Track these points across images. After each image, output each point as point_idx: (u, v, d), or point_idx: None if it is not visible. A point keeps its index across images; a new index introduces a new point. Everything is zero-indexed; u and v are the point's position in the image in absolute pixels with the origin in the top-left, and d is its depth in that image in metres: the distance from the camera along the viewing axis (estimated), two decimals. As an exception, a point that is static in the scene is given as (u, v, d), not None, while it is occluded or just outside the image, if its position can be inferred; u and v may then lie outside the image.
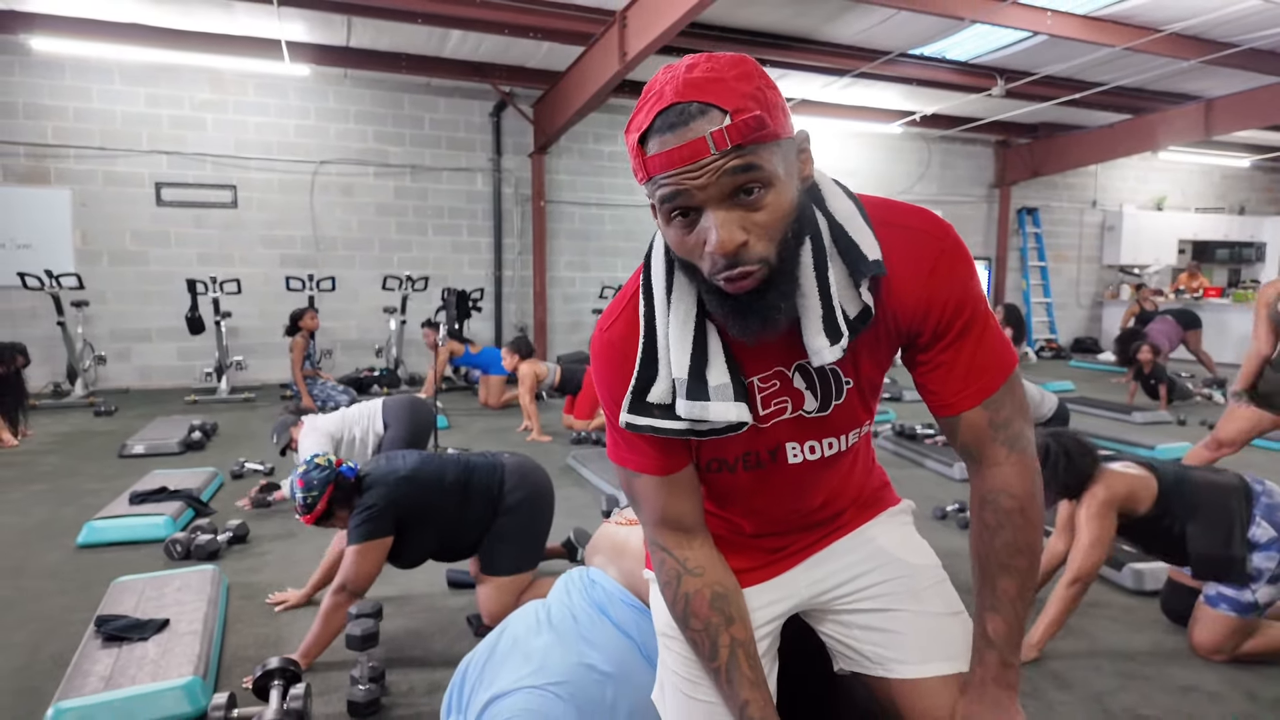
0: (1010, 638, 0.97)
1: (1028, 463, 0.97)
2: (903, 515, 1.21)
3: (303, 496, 2.35)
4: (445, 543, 2.51)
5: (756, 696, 1.01)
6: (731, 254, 0.81)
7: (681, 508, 1.04)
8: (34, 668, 2.38)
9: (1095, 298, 12.73)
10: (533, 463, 2.66)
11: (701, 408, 0.92)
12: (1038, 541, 0.98)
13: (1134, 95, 9.15)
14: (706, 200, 0.80)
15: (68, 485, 4.41)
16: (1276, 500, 2.40)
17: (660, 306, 0.95)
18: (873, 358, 0.99)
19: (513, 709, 1.19)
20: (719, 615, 1.02)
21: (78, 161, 7.62)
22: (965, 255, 0.94)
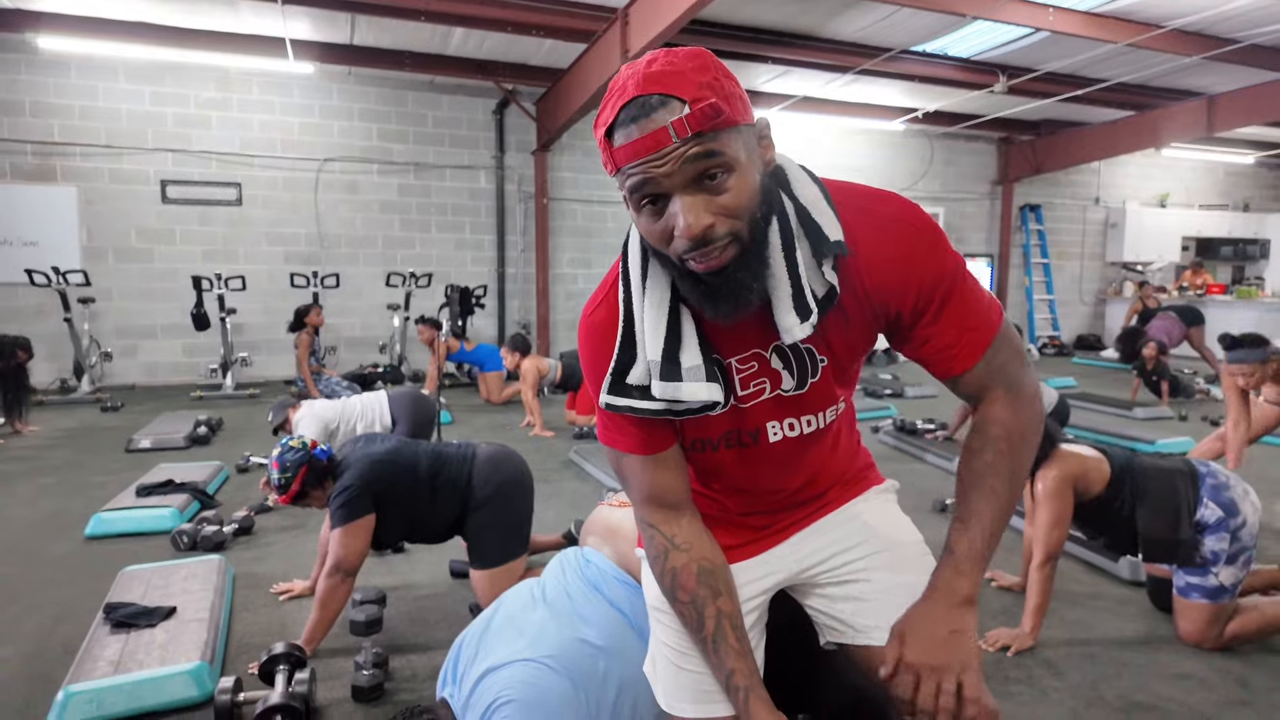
0: (970, 550, 1.00)
1: (1022, 399, 1.02)
2: (886, 494, 1.24)
3: (277, 477, 2.42)
4: (417, 528, 2.56)
5: (742, 665, 1.04)
6: (699, 237, 0.85)
7: (668, 486, 1.07)
8: (44, 654, 2.42)
9: (1098, 295, 12.72)
10: (506, 451, 2.68)
11: (674, 388, 0.96)
12: (1019, 470, 1.01)
13: (1136, 92, 9.15)
14: (672, 187, 0.84)
15: (75, 479, 4.46)
16: (1221, 480, 2.44)
17: (637, 292, 0.99)
18: (844, 338, 1.02)
19: (508, 680, 1.23)
20: (705, 589, 1.05)
21: (84, 159, 7.67)
22: (936, 234, 0.98)
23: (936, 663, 0.95)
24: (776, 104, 9.12)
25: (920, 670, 0.96)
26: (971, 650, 0.97)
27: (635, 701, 1.26)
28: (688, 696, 1.10)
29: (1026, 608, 2.46)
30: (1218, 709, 2.12)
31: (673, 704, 1.12)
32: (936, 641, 0.96)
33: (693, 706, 1.10)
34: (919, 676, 0.96)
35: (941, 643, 0.96)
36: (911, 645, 0.97)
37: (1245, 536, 2.38)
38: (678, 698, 1.11)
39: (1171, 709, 2.12)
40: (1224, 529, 2.38)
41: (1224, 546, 2.37)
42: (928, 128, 10.50)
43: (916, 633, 0.98)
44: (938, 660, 0.95)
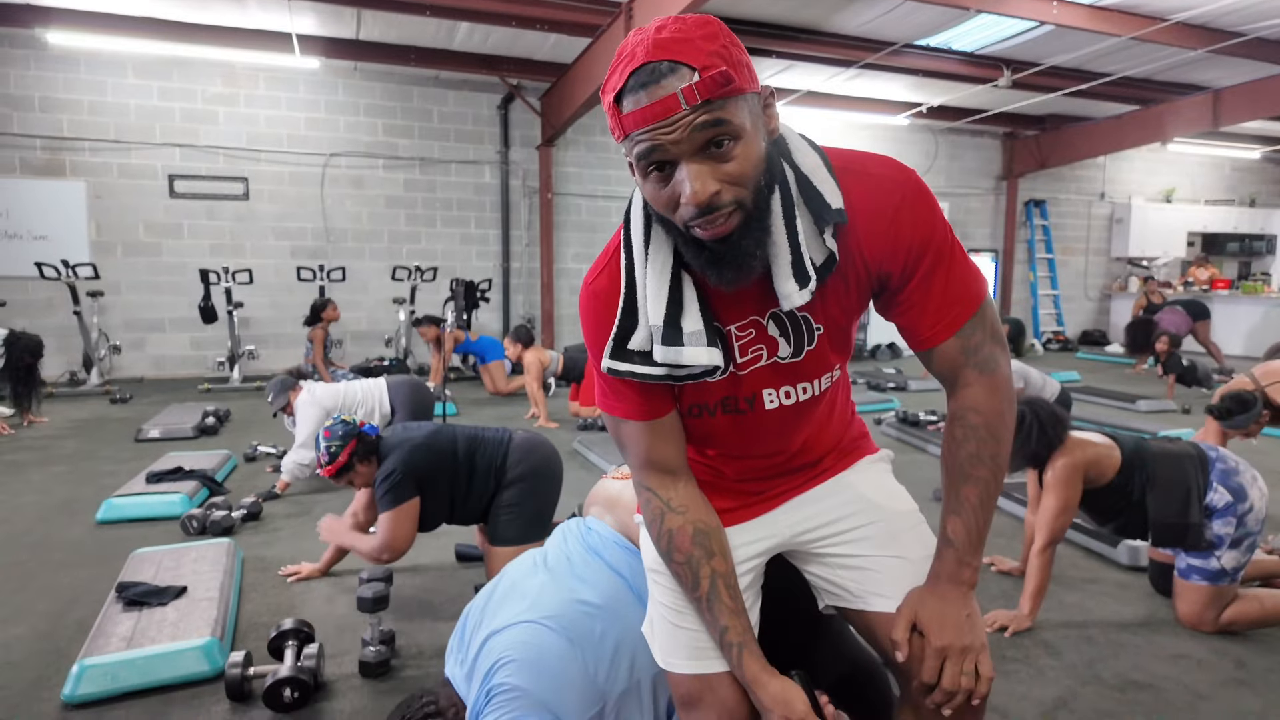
0: (969, 539, 1.03)
1: (997, 383, 1.03)
2: (881, 463, 1.26)
3: (326, 445, 2.50)
4: (456, 508, 2.61)
5: (735, 623, 1.07)
6: (705, 204, 0.86)
7: (665, 451, 1.10)
8: (59, 631, 2.47)
9: (1103, 290, 12.71)
10: (541, 438, 2.74)
11: (676, 353, 0.98)
12: (1000, 454, 1.04)
13: (1141, 86, 9.14)
14: (680, 154, 0.85)
15: (86, 467, 4.51)
16: (1230, 465, 2.46)
17: (639, 259, 1.00)
18: (841, 304, 1.04)
19: (509, 642, 1.26)
20: (700, 549, 1.08)
21: (92, 154, 7.74)
22: (926, 195, 0.99)
23: (961, 645, 1.00)
24: (782, 99, 9.12)
25: (949, 653, 1.00)
26: (983, 631, 1.03)
27: (633, 659, 1.29)
28: (683, 653, 1.13)
29: (1025, 590, 2.49)
30: (1213, 688, 2.15)
31: (669, 660, 1.15)
32: (959, 626, 1.00)
33: (688, 663, 1.13)
34: (946, 660, 1.00)
35: (962, 627, 1.01)
36: (937, 633, 1.01)
37: (1251, 522, 2.40)
38: (674, 654, 1.14)
39: (1167, 688, 2.15)
40: (1231, 513, 2.39)
41: (1229, 531, 2.39)
42: (932, 122, 10.50)
43: (941, 621, 1.01)
44: (963, 642, 1.00)
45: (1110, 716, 2.00)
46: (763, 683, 1.05)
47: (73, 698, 2.03)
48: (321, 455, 2.52)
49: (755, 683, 1.06)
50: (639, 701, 1.33)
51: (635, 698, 1.33)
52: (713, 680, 1.11)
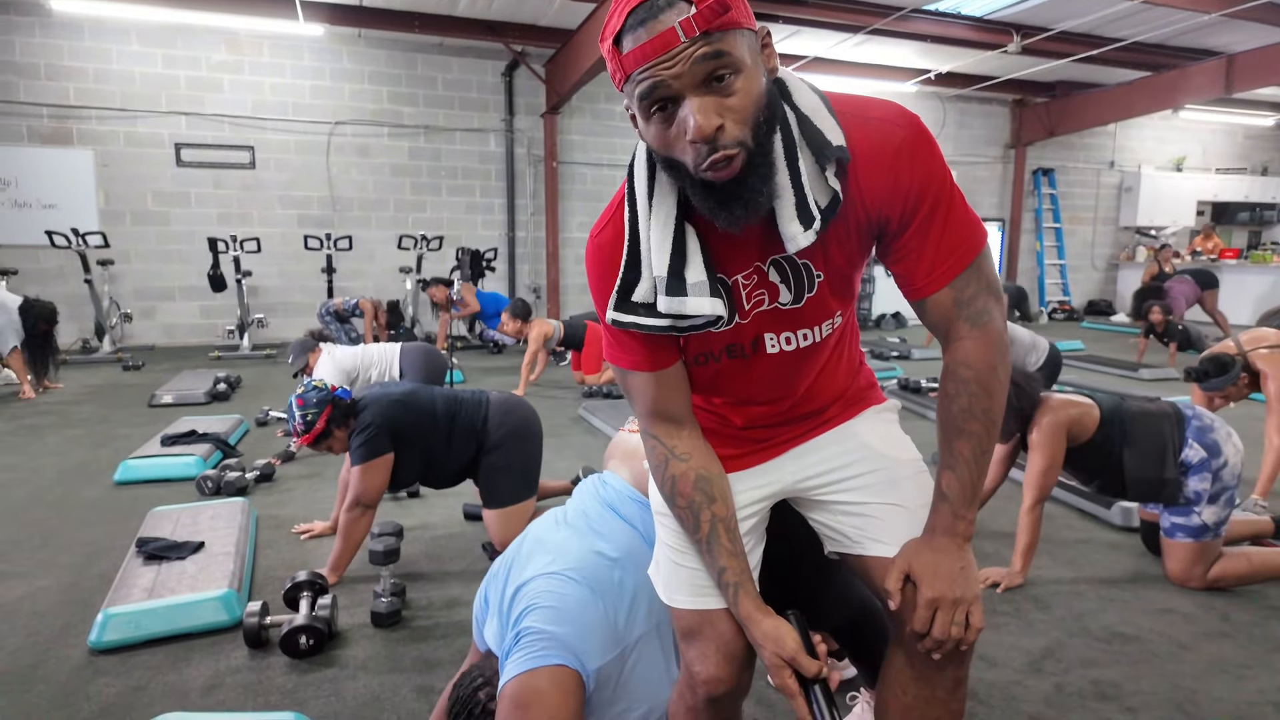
0: (963, 493, 1.06)
1: (990, 337, 1.04)
2: (887, 413, 1.28)
3: (301, 414, 2.50)
4: (432, 469, 2.66)
5: (733, 564, 1.12)
6: (710, 136, 0.87)
7: (671, 400, 1.13)
8: (82, 584, 2.56)
9: (1110, 260, 12.64)
10: (516, 400, 2.78)
11: (680, 303, 1.00)
12: (994, 409, 1.05)
13: (1153, 51, 9.01)
14: (682, 89, 0.86)
15: (102, 431, 4.61)
16: (1205, 423, 2.52)
17: (643, 211, 1.02)
18: (843, 249, 1.05)
19: (535, 591, 1.34)
20: (701, 494, 1.13)
21: (99, 122, 7.75)
22: (928, 140, 0.99)
23: (954, 596, 1.02)
24: (788, 64, 9.00)
25: (940, 604, 1.02)
26: (977, 583, 1.05)
27: (650, 605, 1.36)
28: (684, 590, 1.18)
29: (1016, 548, 2.55)
30: (1196, 640, 2.22)
31: (672, 596, 1.21)
32: (952, 578, 1.03)
33: (688, 599, 1.18)
34: (937, 610, 1.03)
35: (955, 578, 1.03)
36: (930, 584, 1.03)
37: (1227, 476, 2.46)
38: (676, 591, 1.20)
39: (1152, 639, 2.22)
40: (1206, 469, 2.46)
41: (1206, 486, 2.46)
42: (940, 90, 10.39)
43: (934, 572, 1.03)
44: (955, 594, 1.02)
45: (1094, 665, 2.08)
46: (756, 620, 1.10)
47: (99, 644, 2.12)
48: (297, 424, 2.51)
49: (749, 620, 1.11)
50: (659, 643, 1.40)
51: (654, 640, 1.40)
52: (711, 615, 1.16)
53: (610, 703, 1.35)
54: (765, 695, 1.88)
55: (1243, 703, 1.91)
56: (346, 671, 2.04)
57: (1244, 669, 2.06)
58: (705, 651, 1.16)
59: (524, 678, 1.24)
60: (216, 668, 2.05)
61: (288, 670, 2.04)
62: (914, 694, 1.13)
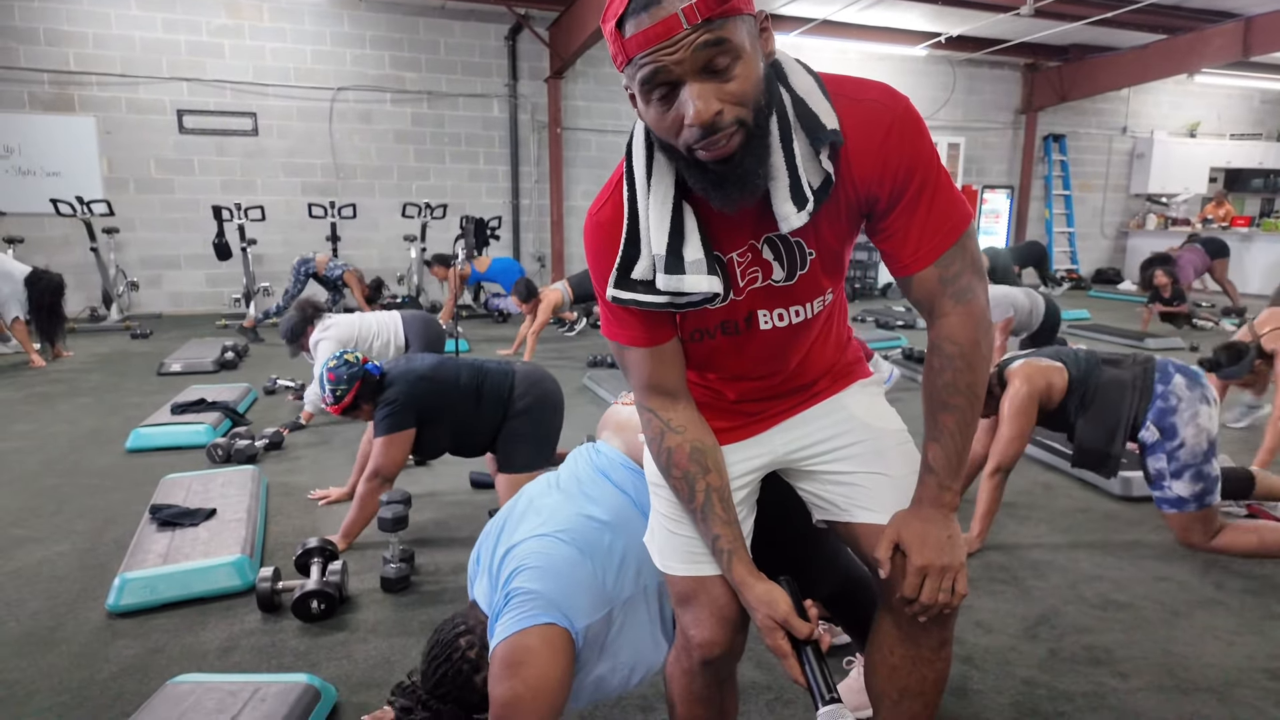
0: (948, 465, 1.10)
1: (974, 313, 1.07)
2: (873, 386, 1.32)
3: (331, 389, 2.56)
4: (459, 438, 2.70)
5: (727, 532, 1.16)
6: (708, 123, 0.89)
7: (666, 375, 1.16)
8: (98, 549, 2.62)
9: (1120, 228, 12.52)
10: (542, 370, 2.82)
11: (678, 280, 1.03)
12: (977, 383, 1.08)
13: (1169, 13, 8.82)
14: (683, 74, 0.88)
15: (112, 399, 4.67)
16: (1171, 403, 2.52)
17: (641, 189, 1.04)
18: (834, 228, 1.08)
19: (525, 552, 1.37)
20: (696, 465, 1.16)
21: (100, 89, 7.69)
22: (916, 121, 1.01)
23: (941, 563, 1.07)
24: (795, 28, 8.89)
25: (929, 571, 1.07)
26: (963, 551, 1.10)
27: (639, 568, 1.40)
28: (679, 557, 1.23)
29: (975, 514, 2.60)
30: (1190, 607, 2.25)
31: (667, 564, 1.25)
32: (940, 547, 1.07)
33: (683, 566, 1.22)
34: (926, 577, 1.07)
35: (943, 547, 1.08)
36: (919, 552, 1.07)
37: (1185, 456, 2.49)
38: (671, 558, 1.24)
39: (1145, 607, 2.26)
40: (1160, 450, 2.51)
41: (1164, 466, 2.51)
42: (951, 54, 10.21)
43: (922, 541, 1.07)
44: (942, 561, 1.07)
45: (1088, 631, 2.12)
46: (749, 584, 1.14)
47: (116, 607, 2.18)
48: (326, 396, 2.57)
49: (742, 584, 1.15)
50: (645, 606, 1.45)
51: (641, 603, 1.44)
52: (706, 581, 1.20)
53: (596, 661, 1.40)
54: (765, 659, 1.93)
55: (1232, 668, 1.95)
56: (357, 635, 2.09)
57: (1235, 635, 2.10)
58: (700, 616, 1.21)
59: (515, 638, 1.28)
60: (231, 631, 2.11)
61: (300, 633, 2.10)
62: (901, 654, 1.19)
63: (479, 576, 1.52)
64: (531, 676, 1.25)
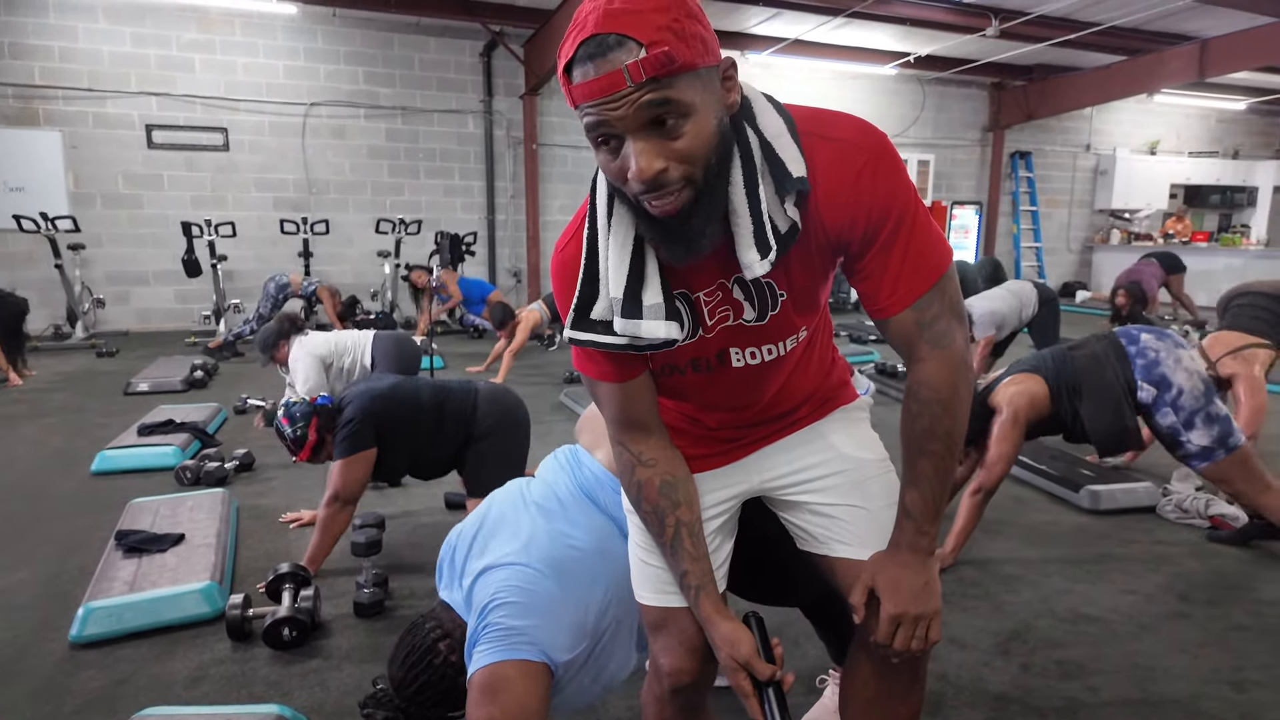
0: (925, 510, 1.09)
1: (952, 358, 1.04)
2: (858, 411, 1.30)
3: (291, 431, 2.49)
4: (420, 459, 2.66)
5: (695, 568, 1.15)
6: (650, 180, 0.86)
7: (637, 409, 1.15)
8: (62, 577, 2.56)
9: (1085, 242, 12.81)
10: (506, 389, 2.80)
11: (635, 325, 0.99)
12: (955, 429, 1.06)
13: (1129, 36, 9.08)
14: (626, 129, 0.85)
15: (77, 420, 4.56)
16: (1150, 357, 2.58)
17: (602, 229, 1.02)
18: (805, 270, 1.05)
19: (501, 582, 1.35)
20: (667, 500, 1.15)
21: (66, 103, 7.58)
22: (891, 160, 0.97)
23: (917, 612, 1.07)
24: (767, 47, 9.02)
25: (902, 620, 1.07)
26: (938, 598, 1.09)
27: (621, 598, 1.38)
28: (650, 587, 1.23)
29: (952, 529, 2.62)
30: (1156, 620, 2.30)
31: (640, 593, 1.26)
32: (915, 594, 1.07)
33: (653, 596, 1.23)
34: (899, 625, 1.07)
35: (919, 594, 1.07)
36: (893, 599, 1.07)
37: (1188, 401, 2.52)
38: (643, 587, 1.25)
39: (1114, 620, 2.30)
40: (1163, 405, 2.54)
41: (1173, 420, 2.53)
42: (920, 73, 10.41)
43: (897, 588, 1.07)
44: (917, 610, 1.07)
45: (1059, 646, 2.15)
46: (715, 623, 1.13)
47: (80, 637, 2.13)
48: (290, 443, 2.50)
49: (708, 622, 1.14)
50: (627, 629, 1.44)
51: (623, 632, 1.43)
52: (674, 612, 1.21)
53: (571, 682, 1.40)
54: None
55: (1198, 680, 1.99)
56: (330, 662, 2.06)
57: (1200, 648, 2.14)
58: (669, 644, 1.21)
59: (493, 667, 1.27)
60: (200, 660, 2.07)
61: (271, 662, 2.06)
62: (875, 688, 1.20)
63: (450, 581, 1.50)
64: (510, 703, 1.25)
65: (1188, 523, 3.01)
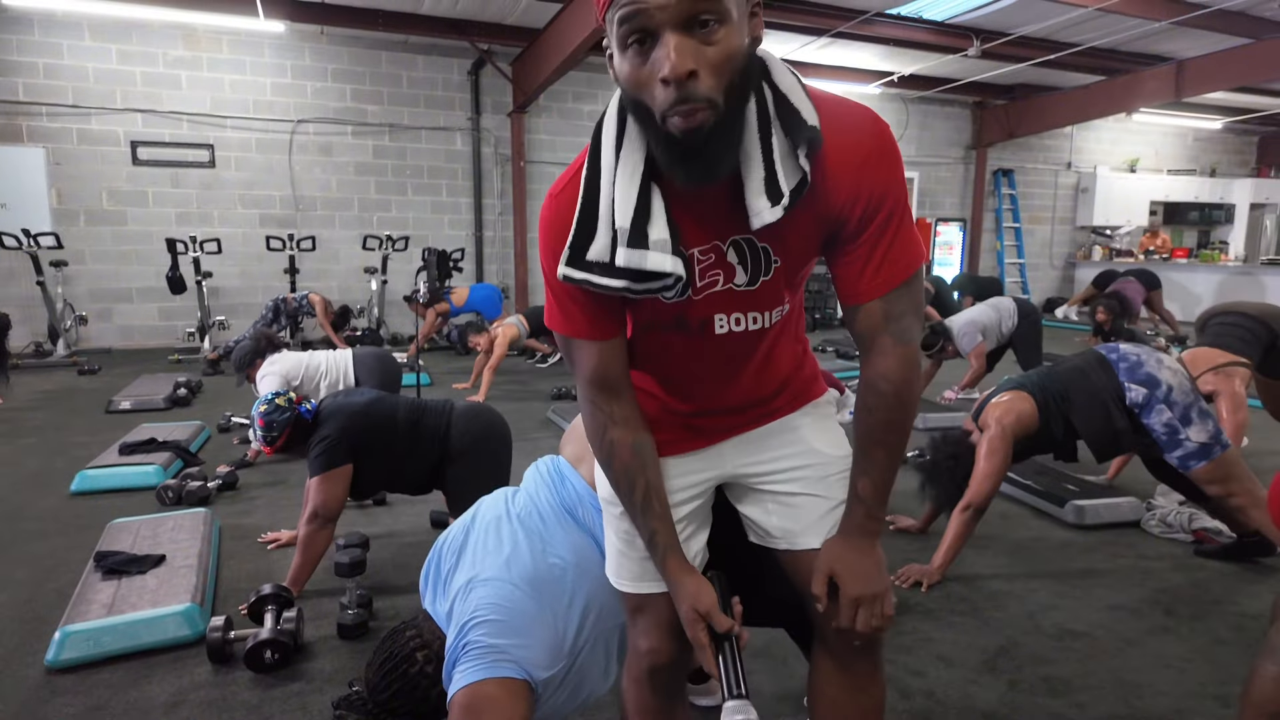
0: (876, 495, 1.14)
1: (909, 355, 1.09)
2: (826, 407, 1.33)
3: (264, 433, 2.51)
4: (395, 476, 2.64)
5: (663, 528, 1.17)
6: (682, 78, 0.85)
7: (611, 370, 1.15)
8: (39, 599, 2.51)
9: (1068, 259, 12.97)
10: (483, 407, 2.78)
11: (641, 256, 0.99)
12: (907, 421, 1.12)
13: (1108, 56, 9.25)
14: (665, 22, 0.85)
15: (57, 439, 4.50)
16: (1132, 360, 2.62)
17: (607, 165, 1.01)
18: (800, 239, 1.06)
19: (480, 599, 1.35)
20: (637, 460, 1.17)
21: (50, 120, 7.54)
22: (894, 151, 1.00)
23: (871, 592, 1.12)
24: (753, 66, 9.09)
25: (861, 602, 1.12)
26: (887, 576, 1.16)
27: (600, 614, 1.39)
28: (629, 576, 1.27)
29: (941, 545, 2.63)
30: (1141, 635, 2.31)
31: (618, 580, 1.29)
32: (869, 575, 1.12)
33: (631, 584, 1.26)
34: (859, 606, 1.12)
35: (871, 576, 1.12)
36: (850, 583, 1.11)
37: (1179, 397, 2.54)
38: (621, 576, 1.28)
39: (1100, 635, 2.30)
40: (1157, 402, 2.55)
41: (1168, 415, 2.54)
42: (903, 92, 10.55)
43: (852, 571, 1.12)
44: (872, 590, 1.12)
45: (1046, 662, 2.15)
46: (680, 579, 1.16)
47: (56, 662, 2.09)
48: (259, 438, 2.52)
49: (674, 579, 1.16)
50: (603, 648, 1.44)
51: (600, 646, 1.43)
52: (652, 598, 1.25)
53: (551, 698, 1.40)
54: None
55: (1184, 695, 1.99)
56: (313, 685, 2.03)
57: (1185, 663, 2.15)
58: (647, 626, 1.27)
59: (475, 686, 1.27)
60: (179, 684, 2.03)
61: (253, 685, 2.03)
62: (838, 684, 1.25)
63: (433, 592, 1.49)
64: None
65: (1171, 537, 3.03)
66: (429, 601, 1.49)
